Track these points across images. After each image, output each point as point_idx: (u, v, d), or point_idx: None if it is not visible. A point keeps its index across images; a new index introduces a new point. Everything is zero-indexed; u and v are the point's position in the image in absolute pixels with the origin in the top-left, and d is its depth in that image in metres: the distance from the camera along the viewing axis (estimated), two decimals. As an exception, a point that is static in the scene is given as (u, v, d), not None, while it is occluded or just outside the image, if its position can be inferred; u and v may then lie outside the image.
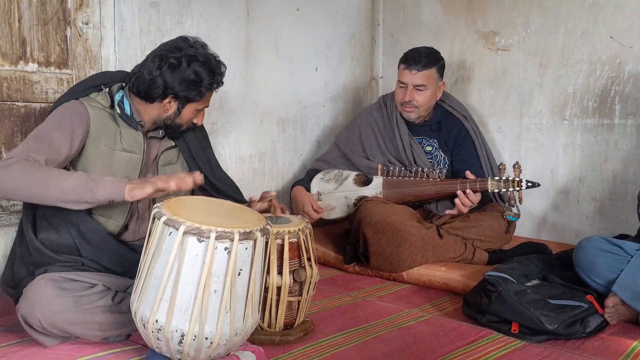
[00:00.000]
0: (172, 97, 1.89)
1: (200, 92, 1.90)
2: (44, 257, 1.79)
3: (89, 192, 1.66)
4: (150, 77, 1.86)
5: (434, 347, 1.85)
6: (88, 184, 1.67)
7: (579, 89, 2.96)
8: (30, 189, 1.65)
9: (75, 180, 1.67)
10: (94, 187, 1.66)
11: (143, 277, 1.56)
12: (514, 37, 3.16)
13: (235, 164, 3.01)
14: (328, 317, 2.09)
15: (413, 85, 2.73)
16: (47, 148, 1.74)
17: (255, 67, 3.04)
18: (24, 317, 1.69)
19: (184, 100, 1.91)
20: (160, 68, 1.85)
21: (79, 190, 1.66)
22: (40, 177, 1.66)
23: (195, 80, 1.87)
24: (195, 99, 1.91)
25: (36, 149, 1.73)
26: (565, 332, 1.89)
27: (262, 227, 1.59)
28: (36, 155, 1.71)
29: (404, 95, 2.76)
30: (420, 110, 2.78)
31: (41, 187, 1.65)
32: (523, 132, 3.16)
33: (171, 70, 1.85)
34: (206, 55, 1.89)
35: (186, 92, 1.88)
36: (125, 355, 1.72)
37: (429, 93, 2.75)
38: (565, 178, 3.03)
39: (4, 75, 2.21)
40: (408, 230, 2.48)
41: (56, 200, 1.67)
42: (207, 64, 1.88)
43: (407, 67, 2.73)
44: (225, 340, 1.54)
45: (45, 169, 1.69)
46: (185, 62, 1.85)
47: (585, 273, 2.09)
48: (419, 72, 2.71)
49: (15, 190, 1.67)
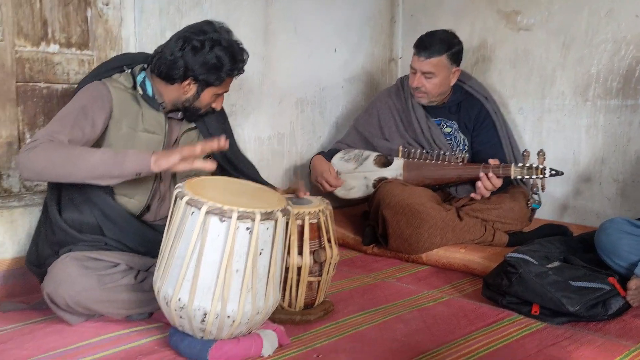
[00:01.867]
0: (192, 80, 1.89)
1: (220, 76, 1.89)
2: (67, 236, 1.82)
3: (116, 165, 1.68)
4: (172, 58, 1.86)
5: (453, 328, 1.85)
6: (115, 158, 1.68)
7: (602, 69, 2.91)
8: (58, 168, 1.68)
9: (102, 155, 1.69)
10: (121, 161, 1.68)
11: (166, 256, 1.57)
12: (536, 17, 3.10)
13: (254, 145, 3.01)
14: (347, 298, 2.10)
15: (421, 72, 2.70)
16: (71, 129, 1.76)
17: (274, 48, 3.03)
18: (49, 295, 1.72)
19: (203, 83, 1.90)
20: (182, 49, 1.85)
21: (107, 164, 1.68)
22: (68, 156, 1.68)
23: (216, 64, 1.86)
24: (215, 83, 1.91)
25: (60, 131, 1.75)
26: (587, 314, 1.88)
27: (283, 207, 1.59)
28: (60, 136, 1.73)
29: (413, 80, 2.73)
30: (430, 96, 2.75)
31: (69, 165, 1.67)
32: (545, 113, 3.12)
33: (193, 52, 1.85)
34: (230, 41, 1.89)
35: (206, 76, 1.88)
36: (148, 332, 1.75)
37: (437, 81, 2.71)
38: (587, 160, 2.99)
39: (26, 56, 2.23)
40: (428, 212, 2.47)
41: (85, 177, 1.69)
42: (229, 49, 1.87)
43: (417, 52, 2.70)
44: (247, 319, 1.55)
45: (71, 147, 1.71)
46: (208, 46, 1.85)
47: (608, 255, 2.07)
48: (426, 60, 2.67)
49: (43, 171, 1.69)
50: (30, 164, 1.68)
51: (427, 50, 2.66)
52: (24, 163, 1.69)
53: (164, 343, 1.68)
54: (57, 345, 1.65)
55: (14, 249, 2.14)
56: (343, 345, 1.71)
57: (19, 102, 2.23)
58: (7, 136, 2.21)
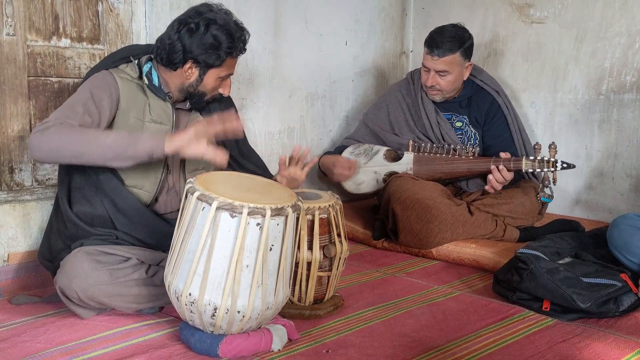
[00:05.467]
0: (193, 63, 1.87)
1: (220, 56, 1.87)
2: (79, 230, 1.83)
3: (130, 146, 1.68)
4: (170, 42, 1.85)
5: (463, 324, 1.84)
6: (129, 139, 1.69)
7: (616, 62, 2.88)
8: (71, 147, 1.68)
9: (116, 136, 1.71)
10: (135, 141, 1.69)
11: (177, 251, 1.58)
12: (549, 10, 3.07)
13: (264, 140, 3.01)
14: (357, 293, 2.10)
15: (435, 70, 2.67)
16: (81, 115, 1.77)
17: (284, 41, 3.02)
18: (61, 289, 1.74)
19: (204, 65, 1.88)
20: (179, 32, 1.84)
21: (121, 145, 1.68)
22: (81, 137, 1.69)
23: (214, 44, 1.84)
24: (215, 64, 1.88)
25: (70, 116, 1.75)
26: (598, 310, 1.87)
27: (293, 203, 1.59)
28: (71, 121, 1.73)
29: (427, 79, 2.71)
30: (444, 93, 2.74)
31: (82, 145, 1.68)
32: (557, 107, 3.09)
33: (189, 33, 1.83)
34: (226, 20, 1.86)
35: (205, 57, 1.86)
36: (158, 326, 1.76)
37: (452, 78, 2.69)
38: (600, 154, 2.97)
39: (38, 50, 2.24)
40: (438, 207, 2.47)
41: (97, 157, 1.70)
42: (225, 28, 1.85)
43: (429, 51, 2.66)
44: (257, 314, 1.56)
45: (84, 129, 1.73)
46: (203, 26, 1.83)
47: (620, 251, 2.06)
48: (440, 58, 2.63)
49: (56, 151, 1.70)
50: (44, 144, 1.68)
51: (440, 48, 2.62)
52: (36, 143, 1.69)
53: (175, 337, 1.69)
54: (69, 338, 1.67)
55: (27, 243, 2.16)
56: (352, 341, 1.71)
57: (30, 96, 2.24)
58: (18, 130, 2.22)
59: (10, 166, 2.22)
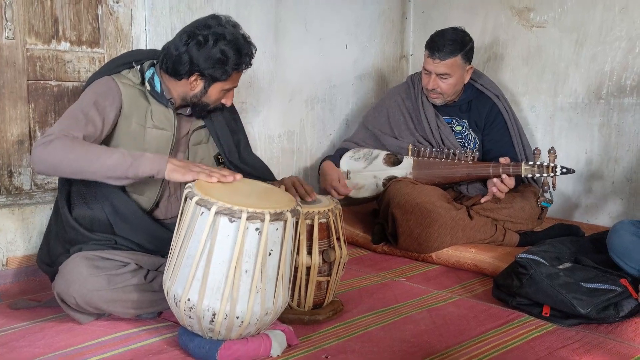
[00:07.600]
0: (198, 75, 1.88)
1: (226, 71, 1.87)
2: (78, 235, 1.83)
3: (132, 168, 1.68)
4: (177, 53, 1.85)
5: (463, 329, 1.84)
6: (131, 161, 1.68)
7: (616, 66, 2.88)
8: (74, 164, 1.68)
9: (119, 157, 1.69)
10: (137, 164, 1.68)
11: (175, 256, 1.58)
12: (549, 14, 3.07)
13: (264, 143, 3.01)
14: (356, 297, 2.10)
15: (437, 73, 2.67)
16: (84, 125, 1.76)
17: (284, 45, 3.02)
18: (59, 294, 1.73)
19: (209, 79, 1.88)
20: (187, 44, 1.84)
21: (123, 167, 1.68)
22: (85, 153, 1.69)
23: (221, 58, 1.84)
24: (221, 78, 1.89)
25: (73, 126, 1.75)
26: (598, 316, 1.86)
27: (292, 207, 1.59)
28: (74, 132, 1.73)
29: (428, 82, 2.70)
30: (445, 96, 2.73)
31: (85, 163, 1.68)
32: (557, 111, 3.09)
33: (198, 47, 1.83)
34: (235, 35, 1.86)
35: (212, 71, 1.86)
36: (157, 332, 1.75)
37: (453, 81, 2.69)
38: (600, 159, 2.96)
39: (37, 54, 2.24)
40: (438, 211, 2.46)
41: (99, 176, 1.70)
42: (234, 43, 1.85)
43: (430, 55, 2.66)
44: (256, 320, 1.55)
45: (87, 145, 1.72)
46: (212, 40, 1.83)
47: (620, 257, 2.05)
48: (441, 62, 2.63)
49: (58, 166, 1.70)
50: (46, 158, 1.68)
51: (441, 51, 2.62)
52: (39, 156, 1.69)
53: (173, 342, 1.68)
54: (68, 343, 1.66)
55: (26, 247, 2.16)
56: (352, 346, 1.71)
57: (29, 100, 2.24)
58: (18, 134, 2.22)
59: (9, 170, 2.22)
